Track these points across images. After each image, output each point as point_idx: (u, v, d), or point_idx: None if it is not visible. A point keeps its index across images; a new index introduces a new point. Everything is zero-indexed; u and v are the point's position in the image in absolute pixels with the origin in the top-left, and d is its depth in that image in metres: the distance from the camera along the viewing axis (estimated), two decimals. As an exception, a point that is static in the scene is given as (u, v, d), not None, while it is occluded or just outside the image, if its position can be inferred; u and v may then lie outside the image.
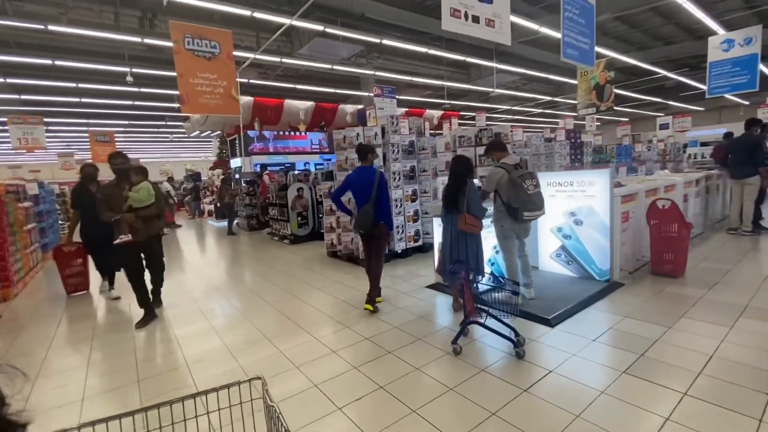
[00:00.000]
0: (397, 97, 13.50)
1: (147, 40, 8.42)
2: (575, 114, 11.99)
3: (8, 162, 30.87)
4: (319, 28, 8.71)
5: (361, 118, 17.80)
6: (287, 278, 5.57)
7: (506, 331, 2.96)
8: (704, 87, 9.34)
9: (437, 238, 4.39)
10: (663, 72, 15.08)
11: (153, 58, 11.68)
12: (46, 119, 17.39)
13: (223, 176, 15.62)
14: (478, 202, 3.49)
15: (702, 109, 26.52)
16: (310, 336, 3.49)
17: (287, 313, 4.17)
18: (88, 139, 18.47)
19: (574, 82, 12.10)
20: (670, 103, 23.31)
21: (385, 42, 9.72)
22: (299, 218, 8.26)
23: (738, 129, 6.96)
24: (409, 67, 14.39)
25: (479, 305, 3.01)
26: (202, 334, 3.71)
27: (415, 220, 6.28)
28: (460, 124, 11.73)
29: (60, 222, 11.11)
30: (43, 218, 8.24)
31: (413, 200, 6.25)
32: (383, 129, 5.75)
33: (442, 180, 5.05)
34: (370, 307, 3.98)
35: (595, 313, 3.58)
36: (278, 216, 8.57)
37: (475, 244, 3.53)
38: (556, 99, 20.69)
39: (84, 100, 13.68)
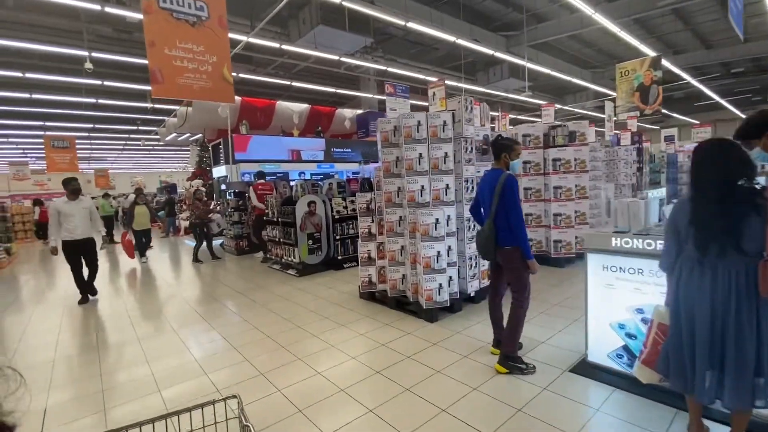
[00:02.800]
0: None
1: (110, 10, 6.40)
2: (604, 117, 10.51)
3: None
4: (335, -1, 6.93)
5: (361, 124, 16.06)
6: (310, 343, 3.59)
7: None
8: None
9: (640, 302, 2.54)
10: (689, 79, 14.06)
11: (120, 40, 9.62)
12: (-9, 120, 14.85)
13: (201, 189, 13.48)
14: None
15: (696, 122, 26.21)
16: None
17: (344, 438, 2.22)
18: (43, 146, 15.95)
19: (589, 86, 10.74)
20: (673, 114, 22.70)
21: (411, 25, 8.02)
22: (310, 241, 6.29)
23: None
24: (413, 71, 12.80)
25: None
26: None
27: (489, 248, 4.45)
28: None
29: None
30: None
31: (487, 219, 4.43)
32: (453, 116, 3.94)
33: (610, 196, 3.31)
34: (502, 369, 2.80)
35: None
36: (281, 238, 6.57)
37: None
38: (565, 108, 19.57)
39: (36, 96, 11.35)
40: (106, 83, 10.57)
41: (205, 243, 7.98)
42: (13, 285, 7.04)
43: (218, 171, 12.29)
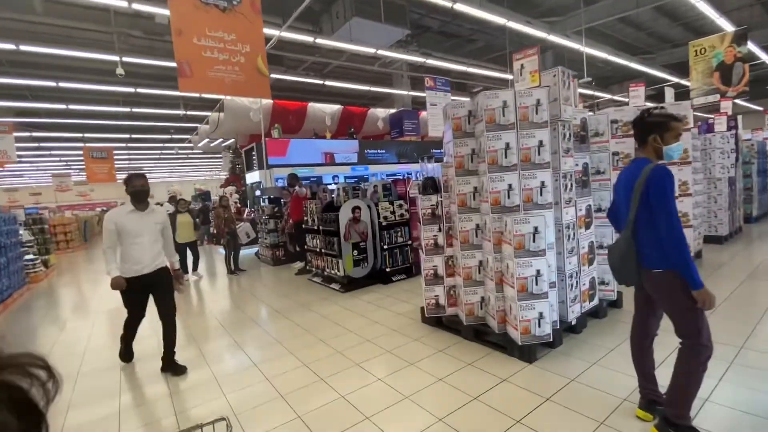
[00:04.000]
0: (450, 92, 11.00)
1: (138, 6, 5.94)
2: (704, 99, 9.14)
3: (4, 185, 29.02)
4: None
5: (394, 124, 15.30)
6: (376, 391, 2.81)
7: None
8: None
9: None
10: None
11: (151, 48, 9.36)
12: (35, 134, 15.23)
13: (227, 195, 13.13)
14: None
15: (760, 108, 23.55)
16: None
17: None
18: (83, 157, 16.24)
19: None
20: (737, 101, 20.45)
21: (458, 6, 7.17)
22: (355, 252, 5.55)
23: None
24: (450, 63, 11.91)
25: None
26: None
27: (590, 261, 3.52)
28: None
29: (32, 257, 8.55)
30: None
31: (587, 224, 3.50)
32: (548, 93, 3.05)
33: None
34: (647, 415, 2.14)
35: None
36: (323, 248, 5.86)
37: None
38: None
39: (72, 106, 11.35)
40: (139, 90, 10.35)
41: (231, 255, 7.43)
42: (49, 299, 6.74)
43: (252, 177, 11.87)
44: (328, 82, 11.76)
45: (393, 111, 15.47)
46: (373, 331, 3.87)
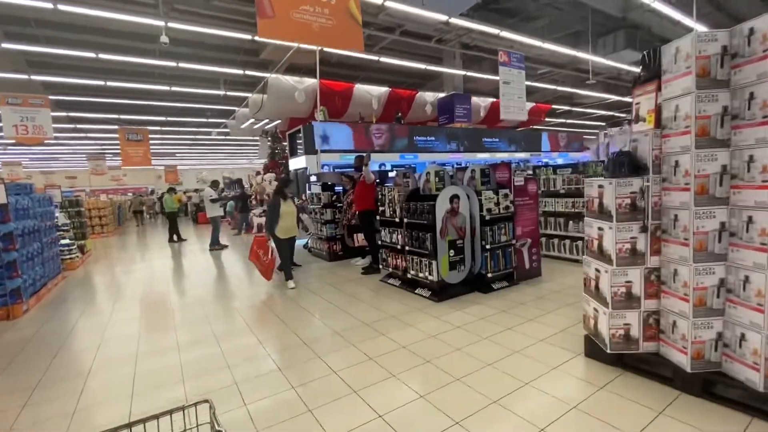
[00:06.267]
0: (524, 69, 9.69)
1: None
2: None
3: (41, 168, 29.37)
4: None
5: (442, 109, 14.07)
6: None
7: None
8: None
9: None
10: None
11: (198, 14, 8.45)
12: (70, 113, 14.78)
13: (276, 179, 12.23)
14: None
15: None
16: None
17: None
18: (118, 140, 15.76)
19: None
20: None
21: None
22: (451, 252, 4.46)
23: None
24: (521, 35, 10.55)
25: None
26: None
27: None
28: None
29: (69, 242, 7.87)
30: (16, 244, 4.85)
31: None
32: None
33: None
34: None
35: None
36: (410, 244, 4.80)
37: None
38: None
39: (110, 83, 10.66)
40: (181, 65, 9.51)
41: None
42: (86, 286, 5.98)
43: (296, 162, 10.95)
44: (383, 59, 10.60)
45: (442, 95, 14.25)
46: (521, 366, 2.78)
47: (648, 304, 2.54)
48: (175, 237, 11.21)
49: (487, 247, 4.60)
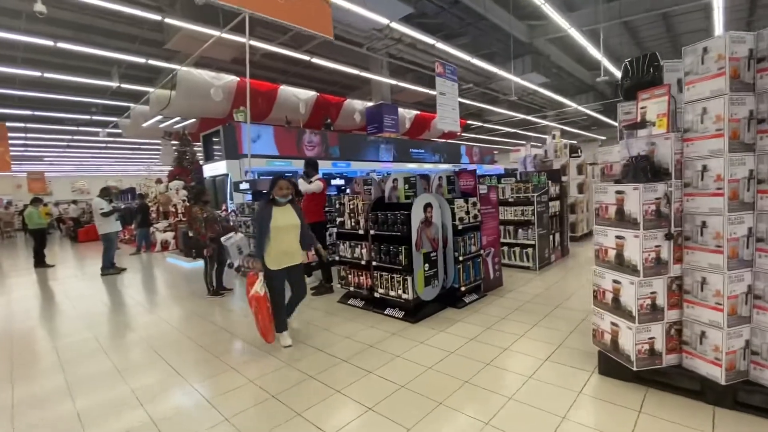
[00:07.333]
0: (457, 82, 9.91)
1: None
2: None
3: None
4: None
5: (372, 118, 13.86)
6: None
7: None
8: None
9: None
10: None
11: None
12: None
13: (188, 190, 10.53)
14: None
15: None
16: None
17: None
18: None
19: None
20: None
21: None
22: (426, 266, 4.06)
23: None
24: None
25: None
26: None
27: None
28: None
29: None
30: None
31: None
32: None
33: None
34: None
35: None
36: (378, 259, 4.25)
37: None
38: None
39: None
40: (60, 45, 7.59)
41: (214, 268, 5.42)
42: None
43: (213, 168, 9.57)
44: (315, 60, 9.93)
45: (370, 104, 14.03)
46: (544, 395, 2.45)
47: (670, 315, 2.43)
48: (46, 260, 8.86)
49: (460, 258, 4.30)
